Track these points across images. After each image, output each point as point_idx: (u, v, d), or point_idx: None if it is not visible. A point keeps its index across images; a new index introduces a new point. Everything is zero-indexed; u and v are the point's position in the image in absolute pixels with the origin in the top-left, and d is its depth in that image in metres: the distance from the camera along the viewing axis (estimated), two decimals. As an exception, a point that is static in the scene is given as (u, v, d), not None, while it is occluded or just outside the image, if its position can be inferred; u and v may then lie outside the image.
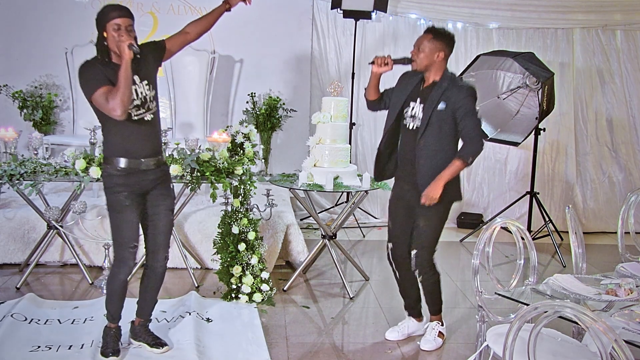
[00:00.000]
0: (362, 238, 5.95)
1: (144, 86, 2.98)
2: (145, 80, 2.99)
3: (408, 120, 3.39)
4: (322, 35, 6.48)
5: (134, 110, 2.94)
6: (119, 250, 3.08)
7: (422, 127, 3.29)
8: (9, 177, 3.94)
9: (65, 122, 6.27)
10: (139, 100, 2.95)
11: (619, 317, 2.26)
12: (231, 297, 4.07)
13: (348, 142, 5.39)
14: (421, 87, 3.40)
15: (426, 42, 3.33)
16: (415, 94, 3.40)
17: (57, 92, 6.20)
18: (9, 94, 6.06)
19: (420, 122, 3.32)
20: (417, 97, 3.37)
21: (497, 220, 2.78)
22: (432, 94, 3.30)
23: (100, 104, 2.83)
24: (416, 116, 3.34)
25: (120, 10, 2.87)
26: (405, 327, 3.66)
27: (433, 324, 3.58)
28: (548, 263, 5.40)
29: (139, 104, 2.96)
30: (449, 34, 3.39)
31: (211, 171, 4.03)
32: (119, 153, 2.99)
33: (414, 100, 3.38)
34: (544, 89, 5.18)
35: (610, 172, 6.58)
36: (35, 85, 6.14)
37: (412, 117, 3.37)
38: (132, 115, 2.94)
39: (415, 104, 3.37)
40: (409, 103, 3.40)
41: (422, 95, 3.36)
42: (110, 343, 3.20)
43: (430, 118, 3.27)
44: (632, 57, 6.47)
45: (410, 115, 3.38)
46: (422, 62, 3.33)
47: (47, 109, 6.10)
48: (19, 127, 4.70)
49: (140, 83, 2.96)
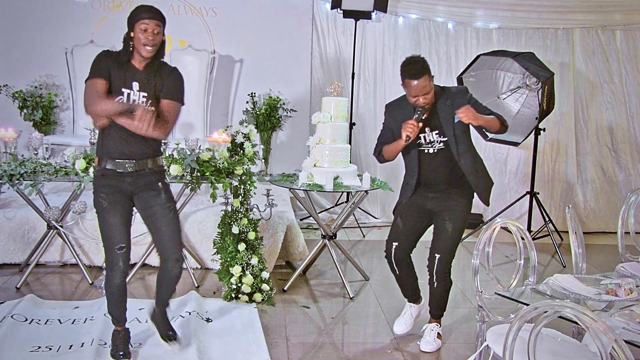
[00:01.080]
0: (362, 238, 5.95)
1: (140, 96, 2.94)
2: (144, 92, 2.95)
3: (425, 147, 3.39)
4: (322, 35, 6.48)
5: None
6: (108, 253, 3.03)
7: (454, 147, 3.33)
8: (9, 177, 3.94)
9: (65, 122, 6.28)
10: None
11: (619, 317, 2.26)
12: (231, 297, 4.07)
13: (348, 142, 5.39)
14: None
15: (426, 83, 3.23)
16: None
17: (57, 92, 6.21)
18: (9, 94, 6.07)
19: (442, 144, 3.35)
20: (425, 127, 3.35)
21: (497, 220, 2.78)
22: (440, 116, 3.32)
23: (85, 92, 2.85)
24: (433, 140, 3.37)
25: (149, 12, 2.88)
26: (410, 316, 3.71)
27: (432, 326, 3.58)
28: (548, 263, 5.40)
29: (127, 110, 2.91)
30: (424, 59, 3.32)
31: (211, 171, 4.04)
32: (102, 154, 2.98)
33: (422, 132, 3.36)
34: (544, 89, 5.18)
35: (610, 172, 6.58)
36: (35, 85, 6.14)
37: (430, 143, 3.38)
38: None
39: (424, 134, 3.37)
40: (418, 136, 3.36)
41: (430, 125, 3.35)
42: (120, 346, 3.16)
43: (455, 135, 3.31)
44: (632, 58, 6.47)
45: (426, 142, 3.39)
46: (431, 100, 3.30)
47: (47, 109, 6.11)
48: (19, 127, 4.71)
49: (136, 91, 2.93)
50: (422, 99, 3.24)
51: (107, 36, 6.13)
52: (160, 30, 2.91)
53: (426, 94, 3.23)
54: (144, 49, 2.86)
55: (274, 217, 4.59)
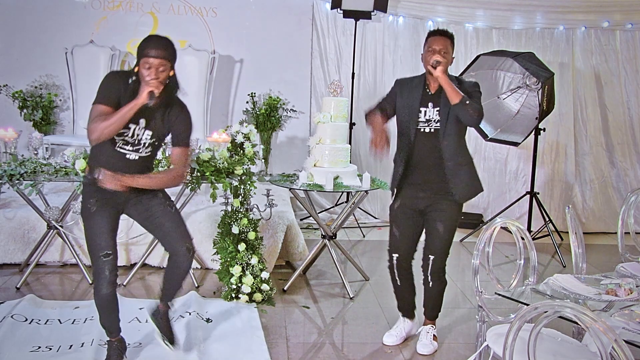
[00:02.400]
0: (362, 238, 5.95)
1: (145, 133, 2.88)
2: (149, 131, 2.89)
3: (422, 125, 3.36)
4: (322, 35, 6.48)
5: (121, 142, 2.86)
6: (93, 262, 2.90)
7: (443, 126, 3.30)
8: (9, 177, 3.94)
9: (65, 122, 6.28)
10: (130, 139, 2.86)
11: (619, 317, 2.26)
12: (231, 297, 4.07)
13: (348, 142, 5.39)
14: (429, 92, 3.37)
15: (448, 45, 3.29)
16: (425, 100, 3.36)
17: (57, 92, 6.21)
18: (9, 94, 6.07)
19: (439, 123, 3.31)
20: (429, 102, 3.35)
21: (497, 220, 2.78)
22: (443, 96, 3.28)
23: (89, 117, 2.76)
24: (431, 119, 3.34)
25: (156, 49, 2.75)
26: (402, 329, 3.64)
27: (427, 328, 3.57)
28: (548, 263, 5.40)
29: (129, 142, 2.87)
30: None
31: (211, 171, 4.04)
32: (93, 162, 2.91)
33: (424, 106, 3.35)
34: (544, 89, 5.18)
35: (609, 172, 6.58)
36: (35, 85, 6.14)
37: (427, 121, 3.35)
38: (116, 145, 2.86)
39: (427, 109, 3.35)
40: (419, 109, 3.36)
41: (433, 100, 3.34)
42: (114, 356, 3.08)
43: (449, 116, 3.28)
44: (631, 58, 6.48)
45: (423, 119, 3.36)
46: (447, 65, 3.29)
47: (47, 109, 6.11)
48: (19, 127, 4.70)
49: (142, 128, 2.87)
50: (439, 56, 3.25)
51: (107, 36, 6.15)
52: (166, 67, 2.79)
53: (445, 53, 3.26)
54: (145, 95, 2.73)
55: (274, 217, 4.59)
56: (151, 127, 2.90)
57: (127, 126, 2.82)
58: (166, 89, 2.86)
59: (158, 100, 2.81)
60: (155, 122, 2.90)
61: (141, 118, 2.85)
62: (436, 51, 3.25)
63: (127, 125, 2.81)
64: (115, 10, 6.22)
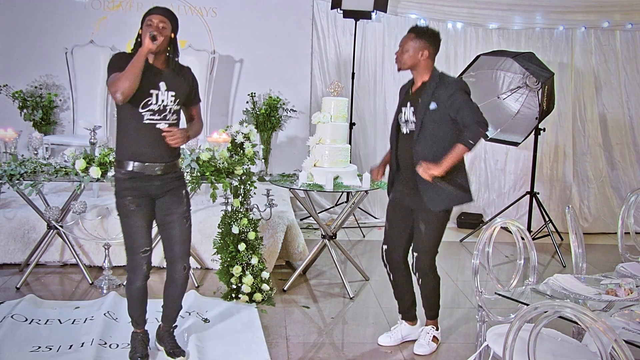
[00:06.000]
0: (362, 238, 5.95)
1: (168, 96, 2.95)
2: (172, 92, 2.96)
3: (402, 125, 3.38)
4: (322, 35, 6.48)
5: (148, 114, 2.91)
6: (131, 256, 3.02)
7: (417, 131, 3.26)
8: (9, 177, 3.94)
9: (65, 122, 6.28)
10: (156, 106, 2.92)
11: (619, 317, 2.26)
12: (231, 297, 4.07)
13: (348, 142, 5.39)
14: (410, 91, 3.38)
15: (409, 41, 3.29)
16: (405, 99, 3.39)
17: (57, 92, 6.21)
18: (9, 94, 6.07)
19: (413, 125, 3.29)
20: (407, 101, 3.36)
21: (497, 220, 2.78)
22: (422, 96, 3.27)
23: (109, 89, 2.83)
24: (409, 120, 3.33)
25: (158, 9, 2.94)
26: (398, 332, 3.61)
27: (427, 328, 3.56)
28: (548, 263, 5.40)
29: (156, 110, 2.92)
30: (433, 31, 3.36)
31: (211, 171, 4.03)
32: (126, 156, 2.96)
33: (404, 105, 3.37)
34: (544, 89, 5.18)
35: (608, 172, 6.58)
36: (35, 85, 6.14)
37: (405, 122, 3.35)
38: (144, 118, 2.91)
39: (405, 109, 3.36)
40: (401, 109, 3.39)
41: (411, 99, 3.34)
42: (139, 348, 3.16)
43: (423, 121, 3.23)
44: (631, 58, 6.47)
45: (403, 120, 3.36)
46: (407, 62, 3.30)
47: (47, 109, 6.11)
48: (19, 127, 4.70)
49: (164, 91, 2.93)
50: (398, 52, 3.33)
51: (107, 36, 6.15)
52: (166, 25, 2.91)
53: (404, 52, 3.29)
54: (147, 40, 2.81)
55: (274, 217, 4.59)
56: (172, 87, 2.97)
57: (149, 93, 2.89)
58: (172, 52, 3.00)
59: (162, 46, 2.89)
60: (174, 81, 2.99)
61: (160, 81, 2.93)
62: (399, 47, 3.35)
63: (149, 93, 2.89)
64: (115, 10, 6.22)
